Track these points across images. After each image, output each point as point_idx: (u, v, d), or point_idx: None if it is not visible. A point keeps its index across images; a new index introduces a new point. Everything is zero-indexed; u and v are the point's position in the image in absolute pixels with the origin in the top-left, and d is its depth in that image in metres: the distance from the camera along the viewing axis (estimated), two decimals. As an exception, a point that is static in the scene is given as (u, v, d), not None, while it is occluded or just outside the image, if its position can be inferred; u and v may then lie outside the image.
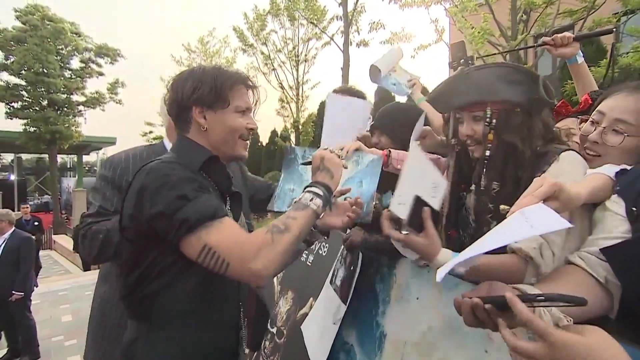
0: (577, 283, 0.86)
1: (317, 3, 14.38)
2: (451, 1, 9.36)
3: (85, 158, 24.75)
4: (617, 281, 0.84)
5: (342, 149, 1.33)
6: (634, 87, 1.08)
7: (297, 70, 15.58)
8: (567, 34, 1.61)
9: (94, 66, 18.24)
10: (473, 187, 1.18)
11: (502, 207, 0.87)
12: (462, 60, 1.43)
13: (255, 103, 1.24)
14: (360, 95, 1.98)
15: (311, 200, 1.07)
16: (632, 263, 0.81)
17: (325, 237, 1.30)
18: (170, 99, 1.17)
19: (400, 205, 1.03)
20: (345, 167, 1.23)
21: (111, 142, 21.01)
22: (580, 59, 1.60)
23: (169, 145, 1.71)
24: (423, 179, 1.08)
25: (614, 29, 1.83)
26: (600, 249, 0.86)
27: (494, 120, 1.10)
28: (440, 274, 0.73)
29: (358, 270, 1.54)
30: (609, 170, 0.99)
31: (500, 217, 0.85)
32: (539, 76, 1.11)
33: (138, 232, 1.05)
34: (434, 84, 1.31)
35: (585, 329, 0.60)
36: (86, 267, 9.61)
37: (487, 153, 1.12)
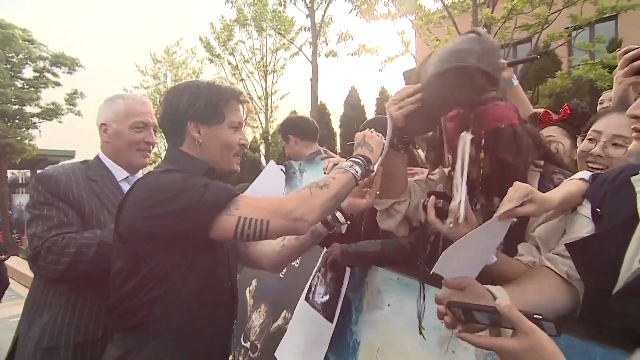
0: (544, 282, 0.90)
1: (285, 14, 14.47)
2: (416, 14, 9.72)
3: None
4: (578, 276, 0.89)
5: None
6: (621, 109, 1.24)
7: (266, 80, 15.54)
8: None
9: (49, 76, 17.08)
10: (478, 206, 1.16)
11: None
12: None
13: (246, 118, 1.26)
14: None
15: (351, 166, 1.12)
16: (592, 257, 0.85)
17: (348, 222, 1.30)
18: (163, 112, 1.17)
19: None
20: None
21: (69, 155, 19.85)
22: (515, 82, 1.72)
23: (106, 159, 1.58)
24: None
25: (538, 57, 2.24)
26: (565, 245, 0.91)
27: (483, 141, 1.09)
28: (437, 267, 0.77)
29: (345, 287, 1.51)
30: (586, 175, 1.03)
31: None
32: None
33: (141, 238, 1.03)
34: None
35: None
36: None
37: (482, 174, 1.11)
